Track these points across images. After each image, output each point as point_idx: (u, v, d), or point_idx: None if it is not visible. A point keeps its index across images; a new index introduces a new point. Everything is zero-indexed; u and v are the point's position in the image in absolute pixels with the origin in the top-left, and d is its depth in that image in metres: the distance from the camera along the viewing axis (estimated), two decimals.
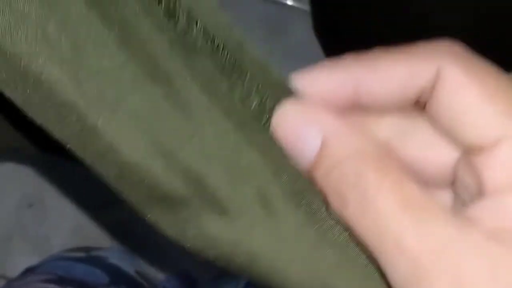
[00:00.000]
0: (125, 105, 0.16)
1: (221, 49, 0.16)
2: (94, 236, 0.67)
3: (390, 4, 0.65)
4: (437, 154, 0.14)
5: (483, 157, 0.13)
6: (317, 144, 0.14)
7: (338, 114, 0.14)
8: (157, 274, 0.66)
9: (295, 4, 0.65)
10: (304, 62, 0.56)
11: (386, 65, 0.14)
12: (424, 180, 0.14)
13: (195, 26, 0.16)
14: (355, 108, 0.15)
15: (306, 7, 0.65)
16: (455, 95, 0.13)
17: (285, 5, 0.65)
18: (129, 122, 0.16)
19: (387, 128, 0.15)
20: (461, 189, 0.14)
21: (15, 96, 0.16)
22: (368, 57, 0.15)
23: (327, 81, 0.15)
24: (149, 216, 0.17)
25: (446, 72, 0.13)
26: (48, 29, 0.16)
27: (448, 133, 0.14)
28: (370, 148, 0.13)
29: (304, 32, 0.65)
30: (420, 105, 0.14)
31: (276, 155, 0.16)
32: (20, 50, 0.15)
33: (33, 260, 0.66)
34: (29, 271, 0.49)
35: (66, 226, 0.66)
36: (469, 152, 0.13)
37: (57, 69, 0.15)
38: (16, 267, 0.67)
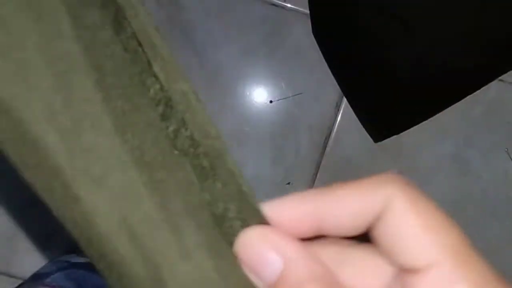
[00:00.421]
0: (108, 182, 0.18)
1: (202, 157, 0.19)
2: None
3: (385, 8, 0.65)
4: (370, 280, 0.17)
5: (415, 278, 0.15)
6: (279, 267, 0.16)
7: (299, 241, 0.16)
8: None
9: (294, 7, 0.66)
10: (303, 64, 0.58)
11: (340, 200, 0.16)
12: None
13: (184, 131, 0.19)
14: (318, 235, 0.17)
15: (305, 10, 0.65)
16: (398, 224, 0.16)
17: (284, 7, 0.66)
18: (108, 198, 0.18)
19: (329, 256, 0.17)
20: None
21: (11, 153, 0.19)
22: (328, 191, 0.17)
23: (292, 212, 0.17)
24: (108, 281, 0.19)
25: (392, 204, 0.16)
26: (55, 103, 0.18)
27: (388, 255, 0.16)
28: (323, 274, 0.16)
29: (303, 35, 0.65)
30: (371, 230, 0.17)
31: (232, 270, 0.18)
32: (25, 115, 0.17)
33: (36, 258, 0.67)
34: (38, 278, 0.49)
35: None
36: (404, 273, 0.16)
37: (57, 137, 0.17)
38: (19, 265, 0.68)
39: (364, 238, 0.17)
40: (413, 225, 0.16)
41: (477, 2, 0.63)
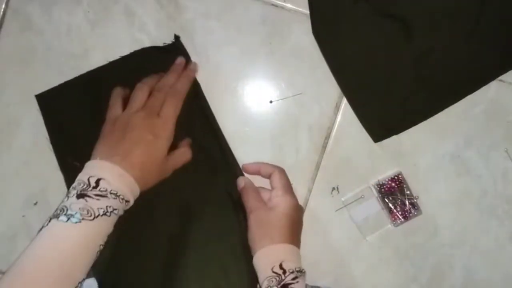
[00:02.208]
0: None
1: None
2: None
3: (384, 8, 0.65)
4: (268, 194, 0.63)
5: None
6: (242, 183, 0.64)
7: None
8: None
9: (294, 7, 0.66)
10: (303, 64, 0.59)
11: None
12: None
13: None
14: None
15: (305, 10, 0.65)
16: (273, 178, 0.63)
17: (284, 7, 0.66)
18: None
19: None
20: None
21: None
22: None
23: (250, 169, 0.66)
24: None
25: (274, 172, 0.64)
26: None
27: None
28: (255, 187, 0.63)
29: (303, 35, 0.65)
30: None
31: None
32: None
33: None
34: None
35: None
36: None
37: None
38: None
39: None
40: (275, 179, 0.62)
41: (477, 2, 0.63)
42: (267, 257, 0.56)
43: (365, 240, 0.67)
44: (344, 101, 0.66)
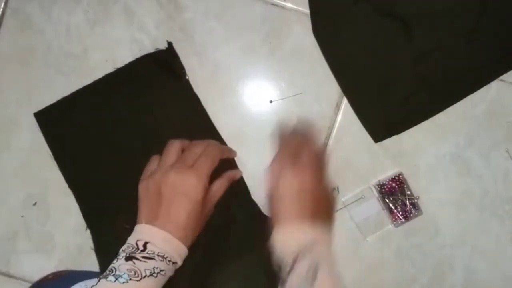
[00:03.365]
0: None
1: None
2: None
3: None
4: None
5: None
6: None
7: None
8: None
9: (294, 7, 0.65)
10: (303, 64, 0.58)
11: None
12: None
13: None
14: None
15: (305, 10, 0.65)
16: None
17: (284, 7, 0.66)
18: None
19: None
20: None
21: None
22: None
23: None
24: None
25: None
26: None
27: None
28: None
29: (303, 35, 0.65)
30: None
31: None
32: None
33: (36, 258, 0.67)
34: None
35: (69, 224, 0.67)
36: None
37: None
38: (20, 265, 0.67)
39: None
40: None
41: (477, 2, 0.63)
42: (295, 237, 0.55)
43: (366, 241, 0.67)
44: (344, 101, 0.66)
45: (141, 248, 0.53)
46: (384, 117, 0.65)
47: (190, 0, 0.66)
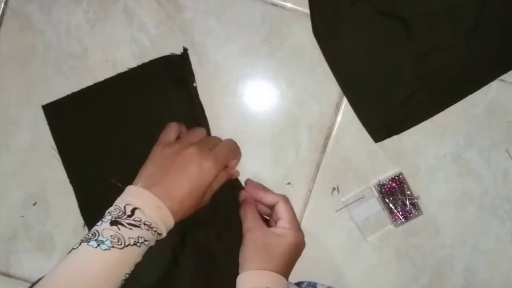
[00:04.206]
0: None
1: None
2: None
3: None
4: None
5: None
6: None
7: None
8: None
9: (294, 7, 0.65)
10: (303, 64, 0.58)
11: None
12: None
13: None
14: None
15: (305, 10, 0.65)
16: (278, 209, 0.61)
17: (284, 7, 0.66)
18: None
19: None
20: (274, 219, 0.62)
21: None
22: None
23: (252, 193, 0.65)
24: None
25: (278, 203, 0.61)
26: None
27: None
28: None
29: (303, 35, 0.65)
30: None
31: None
32: None
33: (36, 258, 0.67)
34: None
35: (69, 224, 0.67)
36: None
37: None
38: (19, 265, 0.67)
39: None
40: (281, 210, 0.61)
41: (477, 2, 0.63)
42: (255, 280, 0.55)
43: (366, 241, 0.67)
44: (344, 101, 0.66)
45: (128, 213, 0.51)
46: (384, 117, 0.65)
47: (190, 0, 0.66)
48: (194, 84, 0.65)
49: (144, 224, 0.52)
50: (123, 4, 0.66)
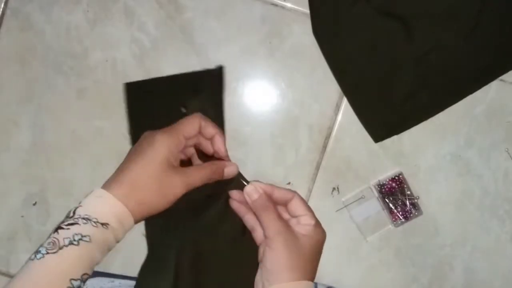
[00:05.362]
0: None
1: None
2: None
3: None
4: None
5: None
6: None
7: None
8: None
9: (294, 7, 0.65)
10: (303, 64, 0.58)
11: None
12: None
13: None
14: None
15: (305, 10, 0.65)
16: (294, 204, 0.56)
17: (284, 7, 0.66)
18: None
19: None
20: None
21: None
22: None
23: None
24: None
25: (294, 199, 0.56)
26: None
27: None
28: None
29: (303, 35, 0.65)
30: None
31: None
32: None
33: None
34: None
35: None
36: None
37: None
38: (20, 265, 0.67)
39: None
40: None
41: (477, 2, 0.63)
42: None
43: (366, 241, 0.67)
44: (344, 101, 0.66)
45: (70, 215, 0.48)
46: (384, 117, 0.65)
47: (190, 0, 0.66)
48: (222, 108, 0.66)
49: (82, 218, 0.47)
50: (123, 4, 0.66)
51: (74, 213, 0.47)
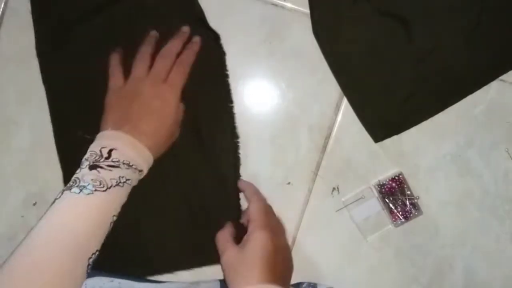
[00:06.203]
0: None
1: None
2: None
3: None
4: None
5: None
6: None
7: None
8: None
9: (294, 7, 0.65)
10: (303, 64, 0.58)
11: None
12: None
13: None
14: None
15: (305, 10, 0.65)
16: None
17: (284, 7, 0.66)
18: None
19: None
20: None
21: None
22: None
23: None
24: None
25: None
26: None
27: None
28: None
29: (303, 35, 0.65)
30: None
31: None
32: None
33: None
34: None
35: None
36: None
37: None
38: None
39: None
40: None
41: (477, 2, 0.63)
42: None
43: (366, 241, 0.67)
44: (344, 101, 0.66)
45: (105, 155, 0.51)
46: (384, 117, 0.65)
47: None
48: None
49: (123, 163, 0.51)
50: None
51: (109, 154, 0.51)
